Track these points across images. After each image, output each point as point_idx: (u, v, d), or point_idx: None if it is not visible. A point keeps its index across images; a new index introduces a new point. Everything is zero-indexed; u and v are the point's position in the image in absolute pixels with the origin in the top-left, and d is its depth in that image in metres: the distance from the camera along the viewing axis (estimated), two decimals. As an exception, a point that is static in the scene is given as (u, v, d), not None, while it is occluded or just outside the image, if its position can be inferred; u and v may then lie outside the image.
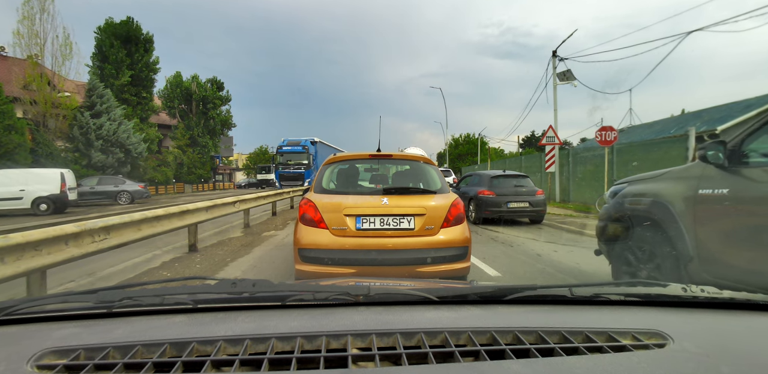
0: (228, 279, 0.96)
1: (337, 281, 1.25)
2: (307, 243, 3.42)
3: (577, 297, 0.99)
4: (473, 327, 0.81)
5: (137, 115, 27.44)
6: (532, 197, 9.42)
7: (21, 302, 0.88)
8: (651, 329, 0.82)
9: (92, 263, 5.03)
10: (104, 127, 22.63)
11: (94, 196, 18.67)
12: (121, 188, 19.24)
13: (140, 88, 28.15)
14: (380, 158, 4.14)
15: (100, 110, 23.05)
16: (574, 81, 15.44)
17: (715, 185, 2.54)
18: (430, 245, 3.45)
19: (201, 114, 37.95)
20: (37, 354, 0.70)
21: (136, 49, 27.97)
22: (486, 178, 9.97)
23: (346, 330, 0.79)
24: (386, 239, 3.43)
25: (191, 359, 0.70)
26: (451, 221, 3.55)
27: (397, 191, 3.79)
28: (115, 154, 23.28)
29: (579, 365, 0.67)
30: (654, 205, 2.96)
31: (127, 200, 19.15)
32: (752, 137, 2.47)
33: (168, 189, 32.15)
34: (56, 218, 12.25)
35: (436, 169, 4.19)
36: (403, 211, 3.49)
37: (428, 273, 3.40)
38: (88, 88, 23.46)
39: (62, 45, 21.98)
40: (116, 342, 0.74)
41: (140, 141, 25.07)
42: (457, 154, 45.10)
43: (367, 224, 3.45)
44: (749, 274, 2.31)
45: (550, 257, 5.72)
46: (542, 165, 17.25)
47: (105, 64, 26.45)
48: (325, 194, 3.77)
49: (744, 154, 2.49)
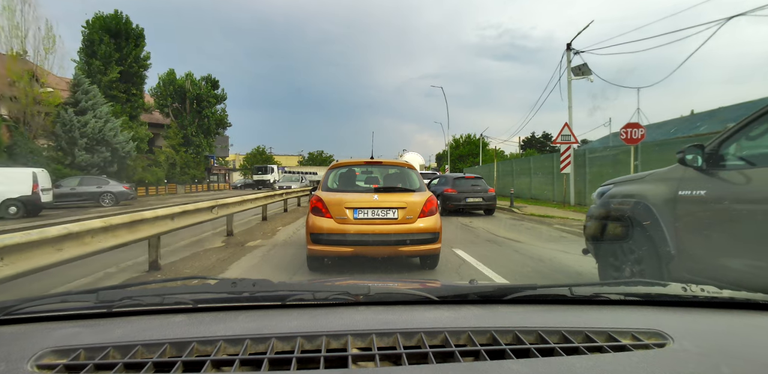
0: (228, 279, 0.96)
1: (337, 281, 1.26)
2: (317, 229, 4.44)
3: (577, 296, 0.99)
4: (473, 327, 0.82)
5: (126, 112, 26.29)
6: (485, 194, 12.30)
7: (21, 302, 0.88)
8: (651, 329, 0.82)
9: (25, 284, 3.78)
10: (89, 124, 21.47)
11: (75, 197, 17.47)
12: (105, 189, 18.06)
13: (129, 84, 27.02)
14: (373, 164, 5.54)
15: (86, 106, 21.91)
16: (591, 76, 14.29)
17: (693, 187, 2.65)
18: (409, 230, 4.44)
19: (195, 113, 36.76)
20: (37, 354, 0.70)
21: (126, 43, 26.82)
22: (450, 179, 12.83)
23: (346, 330, 0.79)
24: (376, 226, 4.45)
25: (191, 359, 0.70)
26: (426, 213, 4.55)
27: (385, 190, 4.84)
28: (101, 153, 22.11)
29: (579, 365, 0.67)
30: (637, 206, 3.05)
31: (111, 202, 18.00)
32: (728, 142, 2.59)
33: (159, 190, 30.85)
34: (25, 223, 11.00)
35: (416, 173, 5.33)
36: (389, 204, 4.51)
37: (408, 252, 4.51)
38: (73, 84, 22.38)
39: (44, 38, 20.83)
40: (116, 342, 0.74)
41: (128, 140, 23.90)
42: (458, 155, 44.15)
43: (362, 214, 4.47)
44: (726, 272, 2.42)
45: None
46: (553, 166, 16.15)
47: (92, 60, 25.35)
48: (330, 192, 4.81)
49: (721, 157, 2.59)
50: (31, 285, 3.99)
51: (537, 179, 18.57)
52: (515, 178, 21.53)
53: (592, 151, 15.30)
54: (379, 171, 6.03)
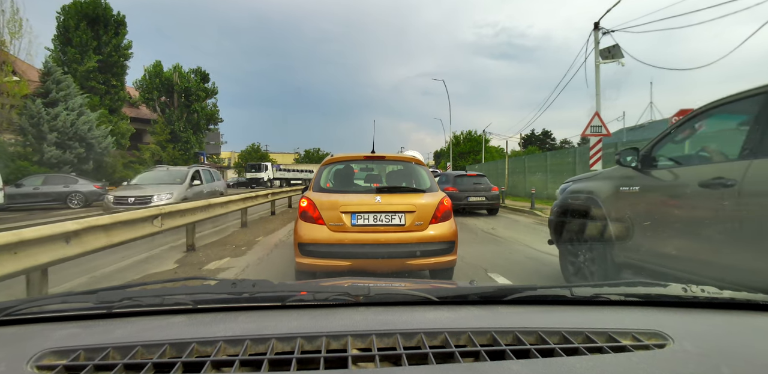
0: (228, 279, 0.95)
1: (337, 281, 1.24)
2: (306, 238, 3.70)
3: (577, 297, 0.99)
4: (473, 328, 0.81)
5: (105, 105, 24.17)
6: (488, 193, 11.83)
7: (21, 302, 0.88)
8: (651, 329, 0.82)
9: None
10: (60, 117, 19.39)
11: (39, 198, 15.57)
12: (73, 188, 16.17)
13: (109, 75, 24.92)
14: (374, 159, 4.47)
15: (56, 97, 19.86)
16: (622, 59, 12.44)
17: (631, 184, 3.17)
18: (419, 239, 3.72)
19: (183, 107, 34.63)
20: (37, 355, 0.70)
21: (105, 31, 24.69)
22: (451, 177, 12.35)
23: (346, 331, 0.79)
24: (379, 235, 3.71)
25: (191, 359, 0.70)
26: (439, 218, 3.82)
27: (389, 190, 4.08)
28: (74, 149, 20.04)
29: (579, 365, 0.67)
30: (588, 200, 3.60)
31: (80, 203, 16.12)
32: (659, 145, 3.08)
33: (144, 189, 28.83)
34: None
35: (426, 169, 4.50)
36: (394, 208, 3.76)
37: (417, 266, 3.77)
38: (43, 73, 20.35)
39: (9, 21, 18.71)
40: (116, 343, 0.74)
41: (105, 134, 21.80)
42: (458, 152, 42.40)
43: (361, 220, 3.72)
44: (660, 257, 2.84)
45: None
46: (575, 161, 14.33)
47: (68, 48, 23.23)
48: (323, 193, 4.02)
49: (653, 158, 3.07)
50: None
51: (554, 176, 16.78)
52: (527, 176, 19.76)
53: (626, 144, 13.50)
54: (382, 168, 5.28)
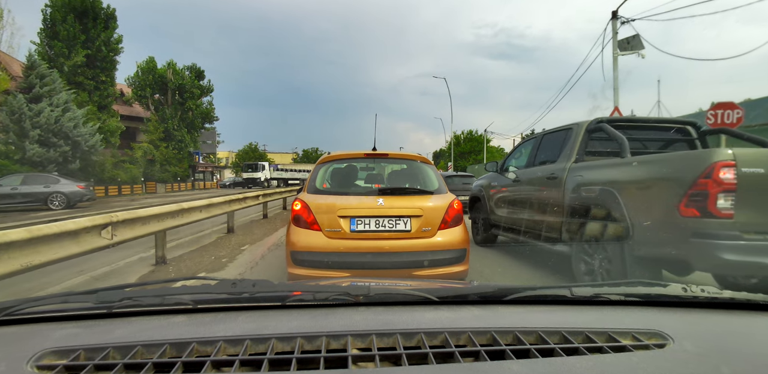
0: (228, 279, 0.95)
1: (337, 281, 1.24)
2: (299, 246, 3.36)
3: (578, 297, 0.99)
4: (473, 328, 0.82)
5: (94, 101, 23.21)
6: None
7: (21, 302, 0.88)
8: (651, 329, 0.82)
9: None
10: (43, 113, 18.41)
11: (17, 199, 14.54)
12: (54, 188, 15.16)
13: (98, 70, 24.02)
14: (376, 157, 4.10)
15: (40, 93, 18.88)
16: (642, 50, 11.54)
17: (495, 181, 6.01)
18: (427, 247, 3.38)
19: (177, 105, 33.62)
20: (37, 355, 0.70)
21: (94, 24, 23.74)
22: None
23: (346, 331, 0.79)
24: (382, 242, 3.36)
25: (191, 359, 0.70)
26: (449, 223, 3.49)
27: (393, 192, 3.75)
28: (59, 147, 19.07)
29: (579, 365, 0.67)
30: (479, 191, 6.53)
31: (62, 205, 15.14)
32: (509, 158, 6.10)
33: (135, 189, 27.78)
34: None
35: (433, 169, 4.17)
36: (398, 212, 3.42)
37: (425, 277, 3.38)
38: (27, 67, 19.41)
39: (-11, 11, 17.68)
40: (116, 343, 0.74)
41: (93, 132, 20.80)
42: (459, 152, 41.46)
43: (361, 225, 3.38)
44: (501, 217, 5.66)
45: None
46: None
47: (54, 41, 22.24)
48: (319, 195, 3.71)
49: (506, 167, 5.92)
50: None
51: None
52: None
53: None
54: (384, 167, 4.85)
